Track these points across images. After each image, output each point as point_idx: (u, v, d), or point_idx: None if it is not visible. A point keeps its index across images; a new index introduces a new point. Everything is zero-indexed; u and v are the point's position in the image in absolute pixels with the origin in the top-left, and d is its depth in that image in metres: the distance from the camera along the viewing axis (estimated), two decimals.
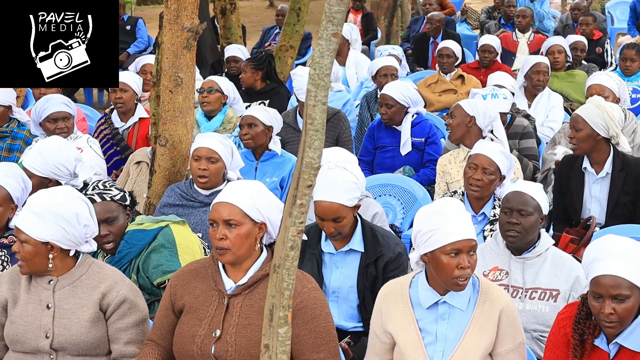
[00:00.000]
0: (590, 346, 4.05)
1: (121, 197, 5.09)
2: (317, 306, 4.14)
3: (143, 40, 13.84)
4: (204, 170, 5.89)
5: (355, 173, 5.17)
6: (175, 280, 4.33)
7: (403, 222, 7.13)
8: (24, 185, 5.11)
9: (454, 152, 6.95)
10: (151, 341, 4.33)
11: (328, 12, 2.99)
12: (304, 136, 3.12)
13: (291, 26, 11.67)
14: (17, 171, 5.14)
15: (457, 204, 4.23)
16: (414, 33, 14.56)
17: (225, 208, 4.14)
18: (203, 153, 5.90)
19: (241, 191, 4.20)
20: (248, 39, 14.33)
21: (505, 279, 4.99)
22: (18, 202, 5.06)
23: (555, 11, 17.31)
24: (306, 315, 4.10)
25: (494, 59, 11.07)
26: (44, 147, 5.79)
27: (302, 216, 3.21)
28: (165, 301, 4.33)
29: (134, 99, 8.19)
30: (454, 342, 4.20)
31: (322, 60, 3.04)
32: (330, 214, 4.98)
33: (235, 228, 4.12)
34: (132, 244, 5.09)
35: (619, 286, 3.87)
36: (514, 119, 7.76)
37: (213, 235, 4.14)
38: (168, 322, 4.30)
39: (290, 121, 8.25)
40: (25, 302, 4.33)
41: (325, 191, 4.93)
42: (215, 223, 4.14)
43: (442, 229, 4.10)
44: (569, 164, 6.46)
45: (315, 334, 4.10)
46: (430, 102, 10.01)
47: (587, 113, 6.28)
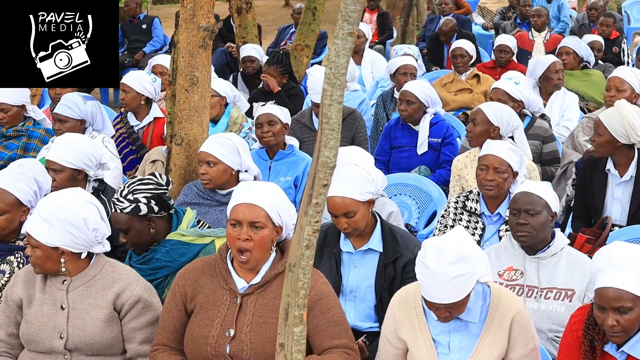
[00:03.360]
0: (601, 352, 4.04)
1: (133, 209, 4.93)
2: (331, 298, 4.22)
3: (159, 39, 13.86)
4: (203, 174, 5.91)
5: (366, 168, 5.16)
6: (182, 280, 4.30)
7: (418, 221, 7.12)
8: (37, 187, 5.09)
9: (469, 154, 6.88)
10: (164, 346, 4.27)
11: (344, 11, 2.99)
12: (319, 135, 3.11)
13: (307, 25, 11.66)
14: (30, 172, 5.11)
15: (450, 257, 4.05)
16: (429, 32, 14.54)
17: (251, 209, 4.14)
18: (202, 157, 5.94)
19: (265, 193, 4.21)
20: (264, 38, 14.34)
21: (521, 279, 4.97)
22: (30, 204, 5.04)
23: (572, 11, 17.26)
24: (323, 306, 4.15)
25: (510, 59, 11.05)
26: (72, 139, 5.81)
27: (318, 215, 3.21)
28: (174, 302, 4.29)
29: (138, 99, 8.12)
30: (467, 353, 4.21)
31: (338, 60, 3.04)
32: (340, 209, 4.97)
33: (260, 230, 4.14)
34: (173, 258, 4.97)
35: (621, 299, 3.86)
36: (534, 120, 7.72)
37: (234, 236, 4.13)
38: (181, 324, 4.27)
39: (305, 121, 8.24)
40: (40, 302, 4.34)
41: (333, 186, 4.91)
42: (239, 224, 4.14)
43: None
44: (593, 163, 6.42)
45: (333, 322, 4.16)
46: (446, 102, 9.98)
47: (608, 119, 6.23)
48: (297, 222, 3.33)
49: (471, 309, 4.18)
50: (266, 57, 10.73)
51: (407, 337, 4.26)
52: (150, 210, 4.97)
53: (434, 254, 3.98)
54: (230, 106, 8.20)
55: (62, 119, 7.18)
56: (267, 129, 7.11)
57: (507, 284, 4.91)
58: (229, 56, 12.65)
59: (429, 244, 4.04)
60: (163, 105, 8.16)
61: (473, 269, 4.02)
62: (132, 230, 4.97)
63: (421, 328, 4.24)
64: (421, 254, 4.03)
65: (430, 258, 3.98)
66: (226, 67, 12.42)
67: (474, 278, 4.04)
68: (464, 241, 4.04)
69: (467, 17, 15.78)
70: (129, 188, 4.98)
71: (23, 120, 7.74)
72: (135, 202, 4.94)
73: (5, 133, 7.69)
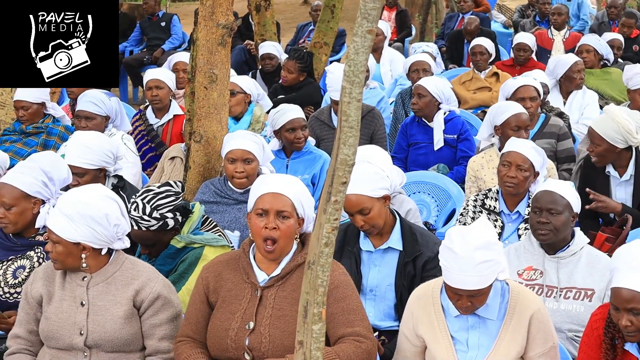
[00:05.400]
0: (621, 350, 4.03)
1: (160, 225, 4.98)
2: (349, 287, 4.22)
3: (178, 36, 13.89)
4: (242, 172, 5.89)
5: (379, 165, 5.15)
6: (206, 273, 4.34)
7: (437, 219, 7.11)
8: (45, 177, 5.07)
9: (485, 155, 6.87)
10: (187, 337, 4.31)
11: (363, 8, 2.98)
12: (338, 133, 3.11)
13: (325, 23, 11.66)
14: (35, 164, 5.11)
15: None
16: (448, 30, 14.52)
17: (279, 199, 4.17)
18: (238, 155, 5.91)
19: (291, 184, 4.25)
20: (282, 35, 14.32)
21: (540, 278, 4.96)
22: (41, 196, 5.04)
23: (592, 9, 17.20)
24: (338, 294, 4.15)
25: (529, 57, 11.01)
26: (87, 139, 5.81)
27: (337, 213, 3.20)
28: (198, 295, 4.33)
29: (169, 95, 8.23)
30: (485, 350, 4.21)
31: (357, 57, 3.03)
32: (354, 207, 4.96)
33: (286, 220, 4.16)
34: (166, 261, 5.07)
35: (634, 299, 3.86)
36: (548, 118, 7.70)
37: (261, 225, 4.15)
38: (204, 316, 4.30)
39: (324, 118, 8.24)
40: (59, 299, 4.35)
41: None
42: (266, 213, 4.16)
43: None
44: (593, 166, 6.39)
45: (347, 311, 4.15)
46: (465, 100, 9.97)
47: (602, 129, 6.17)
48: (315, 219, 3.33)
49: (490, 306, 4.18)
50: (285, 54, 10.74)
51: (426, 334, 4.26)
52: (177, 222, 5.04)
53: (461, 240, 4.00)
54: (253, 104, 8.21)
55: (88, 115, 7.18)
56: (300, 135, 7.11)
57: (526, 283, 4.90)
58: (247, 54, 12.66)
59: (455, 231, 4.06)
60: (182, 102, 8.18)
61: (497, 257, 4.04)
62: (159, 244, 5.03)
63: (440, 325, 4.23)
64: (446, 241, 4.06)
65: (456, 243, 4.00)
66: (245, 65, 12.43)
67: (498, 267, 4.06)
68: (489, 229, 4.06)
69: (486, 15, 15.74)
70: (152, 205, 5.00)
71: (42, 118, 7.77)
72: (162, 218, 4.99)
73: (25, 130, 7.73)
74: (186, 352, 4.26)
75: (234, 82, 8.05)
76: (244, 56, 12.70)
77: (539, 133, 7.49)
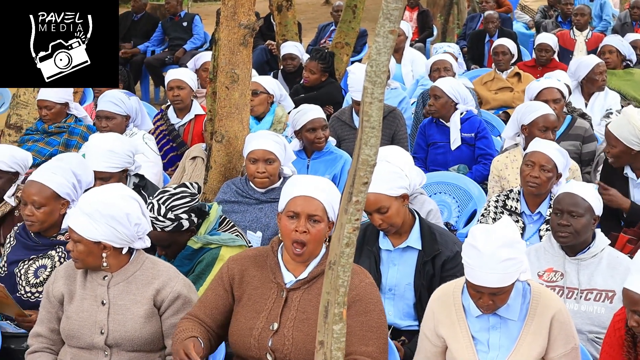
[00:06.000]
0: None
1: (175, 226, 4.99)
2: (372, 301, 4.17)
3: (199, 36, 13.91)
4: (263, 172, 5.90)
5: (398, 164, 5.15)
6: (233, 264, 4.32)
7: (458, 220, 7.10)
8: (75, 179, 5.10)
9: (510, 155, 6.84)
10: (194, 317, 4.28)
11: (385, 9, 2.98)
12: (360, 133, 3.11)
13: (347, 23, 11.65)
14: (67, 166, 5.13)
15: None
16: (470, 30, 14.49)
17: (310, 202, 4.16)
18: (259, 155, 5.91)
19: (323, 188, 4.23)
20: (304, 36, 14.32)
21: (561, 280, 4.94)
22: (69, 197, 5.06)
23: (614, 9, 17.13)
24: (360, 308, 4.12)
25: (551, 57, 10.98)
26: (111, 143, 5.81)
27: (358, 213, 3.20)
28: (220, 282, 4.30)
29: (190, 95, 8.25)
30: (506, 351, 4.20)
31: (379, 58, 3.03)
32: (372, 205, 4.95)
33: (317, 224, 4.16)
34: (183, 262, 5.07)
35: (639, 302, 3.84)
36: (574, 120, 7.67)
37: (291, 228, 4.14)
38: (223, 303, 4.29)
39: (346, 119, 8.24)
40: (80, 298, 4.37)
41: None
42: (297, 216, 4.15)
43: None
44: (612, 168, 6.36)
45: (366, 327, 4.12)
46: (486, 100, 9.95)
47: (618, 130, 6.13)
48: (337, 219, 3.33)
49: (511, 306, 4.17)
50: (306, 55, 10.73)
51: (447, 335, 4.25)
52: (192, 224, 5.05)
53: (484, 237, 4.00)
54: (276, 104, 8.21)
55: (108, 115, 7.22)
56: (321, 135, 7.11)
57: (546, 285, 4.88)
58: (269, 54, 12.68)
59: (478, 229, 4.06)
60: (204, 102, 8.20)
61: (520, 256, 4.04)
62: (175, 245, 5.04)
63: (460, 325, 4.23)
64: (469, 238, 4.05)
65: (480, 240, 3.99)
66: (266, 65, 12.45)
67: (520, 266, 4.06)
68: (512, 227, 4.06)
69: (508, 16, 15.70)
70: (167, 206, 5.00)
71: (65, 117, 7.80)
72: (177, 219, 4.99)
73: (47, 129, 7.75)
74: (183, 324, 4.23)
75: (257, 82, 8.06)
76: (266, 56, 12.71)
77: (565, 134, 7.46)
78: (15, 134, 8.35)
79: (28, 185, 5.03)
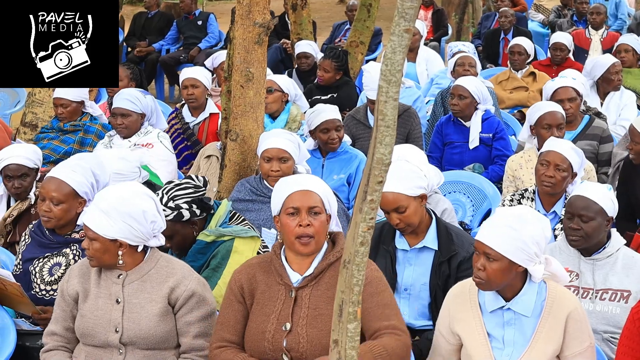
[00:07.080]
0: None
1: (175, 215, 4.97)
2: (381, 282, 4.22)
3: (214, 35, 13.94)
4: (277, 171, 5.90)
5: (417, 164, 5.15)
6: (239, 275, 4.31)
7: (473, 219, 7.09)
8: (94, 179, 5.13)
9: (524, 155, 6.83)
10: (227, 342, 4.25)
11: (400, 7, 2.97)
12: (375, 132, 3.10)
13: (362, 22, 11.65)
14: (87, 165, 5.15)
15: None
16: (484, 29, 14.47)
17: (308, 196, 4.18)
18: (274, 153, 5.92)
19: (317, 182, 4.26)
20: (318, 34, 14.33)
21: (576, 280, 4.93)
22: (87, 196, 5.08)
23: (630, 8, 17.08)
24: (372, 290, 4.15)
25: (566, 57, 10.96)
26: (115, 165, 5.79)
27: (373, 212, 3.20)
28: (233, 296, 4.29)
29: (205, 94, 8.26)
30: (521, 348, 4.19)
31: (394, 56, 3.03)
32: (391, 204, 4.95)
33: (318, 216, 4.17)
34: (197, 257, 5.05)
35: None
36: (592, 120, 7.65)
37: (294, 224, 4.14)
38: (243, 316, 4.26)
39: (360, 117, 8.23)
40: (95, 296, 4.37)
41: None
42: (297, 211, 4.16)
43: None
44: (632, 166, 6.35)
45: (382, 304, 4.15)
46: (501, 99, 9.94)
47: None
48: (351, 218, 3.33)
49: (525, 302, 4.17)
50: (321, 53, 10.74)
51: (462, 332, 4.25)
52: (193, 215, 5.02)
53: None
54: (290, 103, 8.21)
55: (124, 112, 7.23)
56: (335, 136, 7.11)
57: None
58: (283, 52, 12.68)
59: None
60: (219, 100, 8.22)
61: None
62: (177, 236, 5.02)
63: (476, 322, 4.23)
64: None
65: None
66: (281, 64, 12.45)
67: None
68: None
69: (523, 15, 15.67)
70: (169, 195, 5.00)
71: (80, 116, 7.83)
72: (177, 208, 4.97)
73: (63, 127, 7.78)
74: (222, 356, 4.21)
75: (272, 80, 8.08)
76: (280, 55, 12.72)
77: (582, 134, 7.45)
78: (30, 132, 8.40)
79: (47, 182, 5.05)
